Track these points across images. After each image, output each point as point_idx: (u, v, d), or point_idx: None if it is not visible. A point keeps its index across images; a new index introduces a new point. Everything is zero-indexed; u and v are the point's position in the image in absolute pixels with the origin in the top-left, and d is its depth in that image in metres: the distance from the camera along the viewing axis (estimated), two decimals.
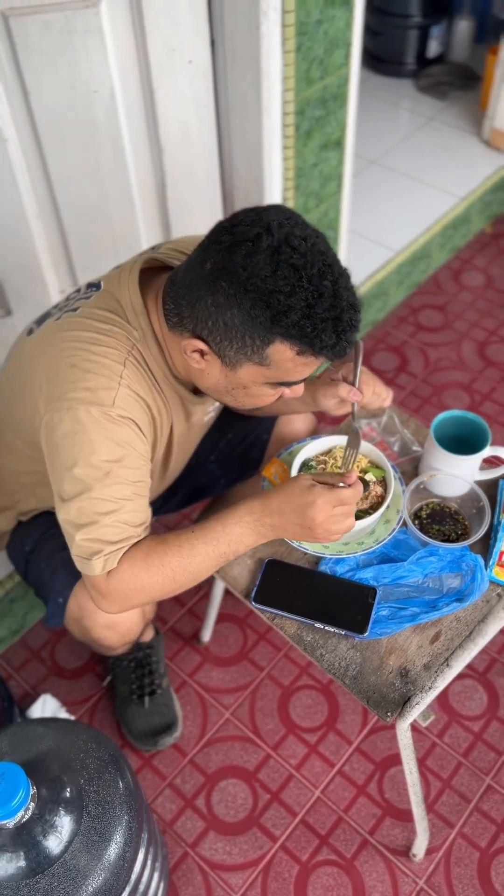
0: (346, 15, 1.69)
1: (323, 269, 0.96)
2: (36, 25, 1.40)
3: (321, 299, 0.96)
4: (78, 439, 1.04)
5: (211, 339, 1.02)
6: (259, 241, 0.95)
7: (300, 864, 1.47)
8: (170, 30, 1.53)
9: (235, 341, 1.00)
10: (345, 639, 1.18)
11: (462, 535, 1.27)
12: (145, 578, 1.09)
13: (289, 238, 0.95)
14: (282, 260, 0.94)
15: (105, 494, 1.05)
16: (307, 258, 0.95)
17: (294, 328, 0.97)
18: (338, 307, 0.97)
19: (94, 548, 1.06)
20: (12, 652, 1.78)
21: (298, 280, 0.95)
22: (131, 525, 1.08)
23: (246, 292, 0.96)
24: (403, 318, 2.50)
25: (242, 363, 1.03)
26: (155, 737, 1.59)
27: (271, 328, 0.97)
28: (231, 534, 1.11)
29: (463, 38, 3.21)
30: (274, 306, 0.95)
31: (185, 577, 1.11)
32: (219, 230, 1.00)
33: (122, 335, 1.09)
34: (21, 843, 1.00)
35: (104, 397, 1.05)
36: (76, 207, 1.67)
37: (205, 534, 1.11)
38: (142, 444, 1.10)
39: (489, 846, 1.48)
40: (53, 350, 1.10)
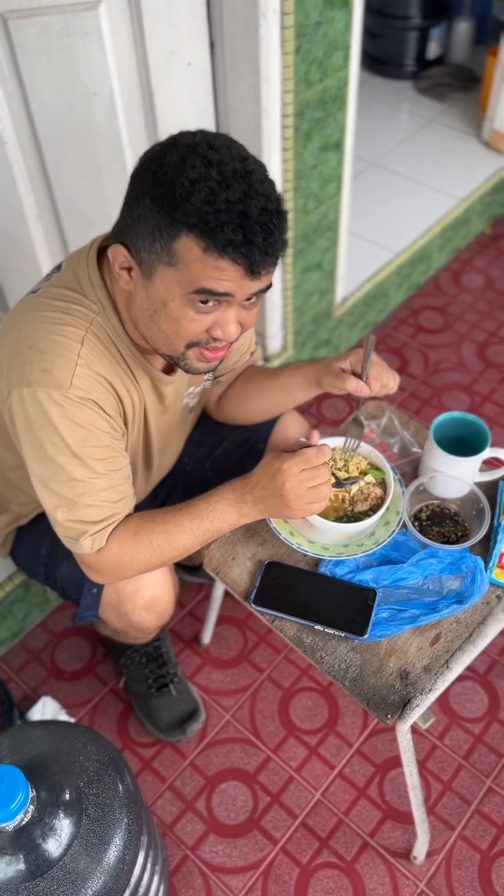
0: (345, 17, 1.69)
1: (237, 168, 0.94)
2: (35, 28, 1.40)
3: (228, 190, 0.93)
4: (39, 422, 1.05)
5: (129, 241, 1.01)
6: (178, 140, 0.97)
7: (300, 866, 1.47)
8: (169, 32, 1.53)
9: (146, 236, 0.98)
10: (344, 641, 1.18)
11: (462, 537, 1.27)
12: (134, 555, 1.12)
13: (210, 141, 0.96)
14: (196, 153, 0.94)
15: (76, 475, 1.06)
16: (223, 155, 0.94)
17: (195, 216, 0.93)
18: (247, 201, 0.93)
19: (78, 529, 1.09)
20: (12, 654, 1.78)
21: (207, 168, 0.93)
22: (110, 502, 1.10)
23: (156, 182, 0.95)
24: (403, 319, 2.50)
25: (156, 267, 0.99)
26: (182, 725, 1.61)
27: (173, 214, 0.94)
28: (214, 511, 1.14)
29: (462, 39, 3.21)
30: (178, 191, 0.93)
31: (172, 553, 1.15)
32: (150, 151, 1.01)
33: (80, 311, 1.09)
34: (20, 846, 1.00)
35: (61, 378, 1.04)
36: (76, 210, 1.67)
37: (190, 511, 1.14)
38: (104, 423, 1.09)
39: (490, 848, 1.47)
40: (13, 333, 1.10)
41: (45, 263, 1.72)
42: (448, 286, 2.60)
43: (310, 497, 1.10)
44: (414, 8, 3.05)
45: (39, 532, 1.37)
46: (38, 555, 1.38)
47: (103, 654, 1.77)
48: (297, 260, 2.01)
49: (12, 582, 1.71)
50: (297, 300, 2.11)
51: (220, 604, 1.67)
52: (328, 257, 2.14)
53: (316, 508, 1.12)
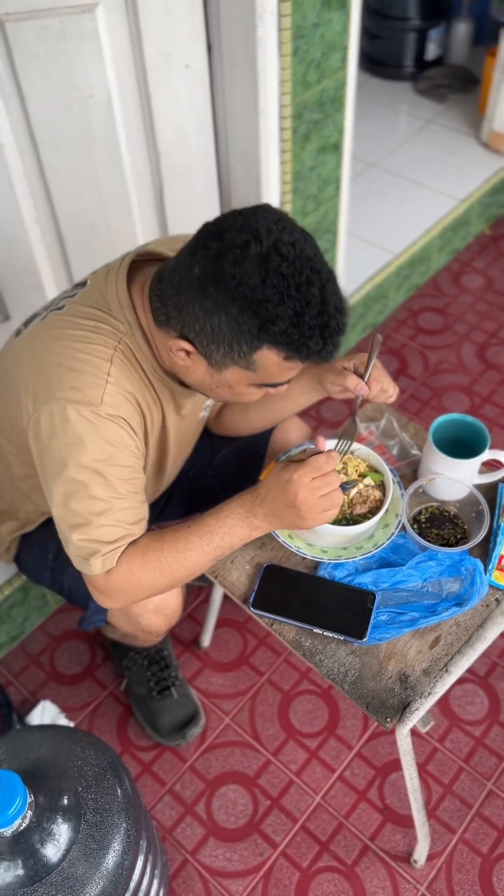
0: (342, 18, 1.69)
1: (311, 277, 0.96)
2: (32, 31, 1.40)
3: (309, 307, 0.96)
4: (67, 439, 1.04)
5: (198, 341, 1.02)
6: (248, 248, 0.94)
7: (301, 870, 1.46)
8: (166, 34, 1.53)
9: (222, 346, 1.00)
10: (344, 644, 1.18)
11: (461, 539, 1.27)
12: (143, 576, 1.10)
13: (277, 245, 0.95)
14: (270, 268, 0.94)
15: (98, 494, 1.05)
16: (295, 265, 0.95)
17: (281, 336, 0.97)
18: (325, 314, 0.97)
19: (91, 548, 1.07)
20: (11, 658, 1.77)
21: (287, 289, 0.95)
22: (127, 523, 1.09)
23: (234, 300, 0.96)
24: (403, 320, 2.49)
25: (228, 366, 1.03)
26: (183, 729, 1.60)
27: (259, 336, 0.97)
28: (224, 526, 1.12)
29: (461, 40, 3.20)
30: (262, 315, 0.95)
31: (182, 573, 1.13)
32: (207, 234, 0.99)
33: (109, 330, 1.09)
34: (19, 852, 1.00)
35: (92, 396, 1.04)
36: (74, 212, 1.67)
37: (199, 528, 1.12)
38: (132, 441, 1.09)
39: (491, 852, 1.47)
40: (39, 349, 1.09)
41: (43, 266, 1.72)
42: (448, 287, 2.60)
43: (322, 505, 1.09)
44: (412, 9, 3.05)
45: (46, 537, 1.37)
46: (45, 559, 1.38)
47: (103, 657, 1.77)
48: None
49: (11, 585, 1.71)
50: None
51: (220, 607, 1.66)
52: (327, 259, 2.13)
53: (329, 517, 1.11)
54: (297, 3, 1.56)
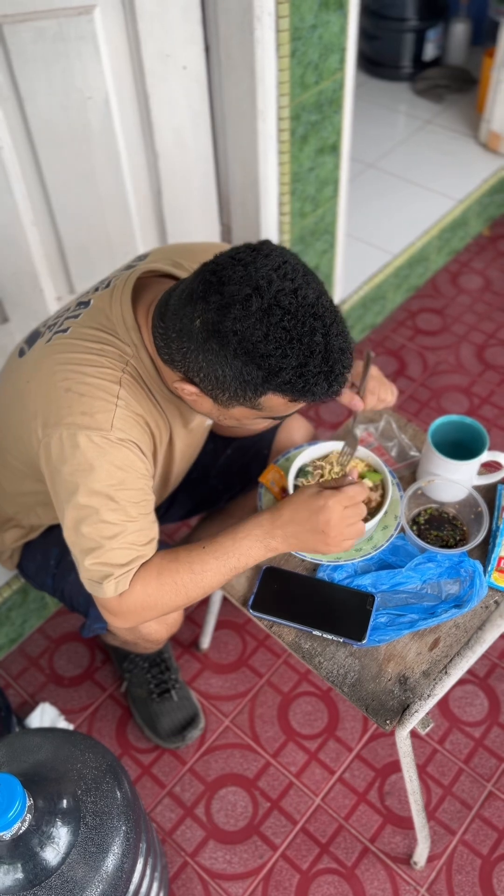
0: (340, 19, 1.68)
1: (313, 325, 0.95)
2: (29, 33, 1.40)
3: (312, 356, 0.95)
4: (77, 465, 1.04)
5: (202, 385, 1.02)
6: (249, 303, 0.93)
7: (301, 872, 1.46)
8: (163, 36, 1.53)
9: (227, 391, 1.00)
10: (343, 646, 1.17)
11: (460, 541, 1.27)
12: (158, 597, 1.10)
13: (278, 297, 0.94)
14: (272, 323, 0.93)
15: (109, 518, 1.05)
16: (297, 317, 0.94)
17: (286, 385, 0.97)
18: (329, 360, 0.97)
19: (103, 571, 1.07)
20: (10, 660, 1.77)
21: (289, 342, 0.94)
22: (138, 545, 1.09)
23: (237, 356, 0.95)
24: (401, 321, 2.49)
25: (235, 406, 1.03)
26: (182, 732, 1.60)
27: (263, 386, 0.97)
28: (241, 548, 1.12)
29: (459, 40, 3.20)
30: (265, 368, 0.95)
31: (197, 592, 1.13)
32: (207, 285, 0.96)
33: (115, 353, 1.09)
34: (18, 855, 1.00)
35: (102, 421, 1.04)
36: (72, 214, 1.67)
37: (215, 549, 1.12)
38: (142, 464, 1.09)
39: (491, 853, 1.47)
40: (46, 374, 1.09)
41: (41, 267, 1.72)
42: (446, 288, 2.60)
43: (348, 534, 1.12)
44: (410, 9, 3.05)
45: (49, 543, 1.37)
46: (47, 565, 1.38)
47: (102, 659, 1.77)
48: None
49: (10, 588, 1.70)
50: None
51: (219, 608, 1.66)
52: (325, 260, 2.14)
53: (349, 545, 1.14)
54: (295, 5, 1.55)
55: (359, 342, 2.45)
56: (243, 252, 0.98)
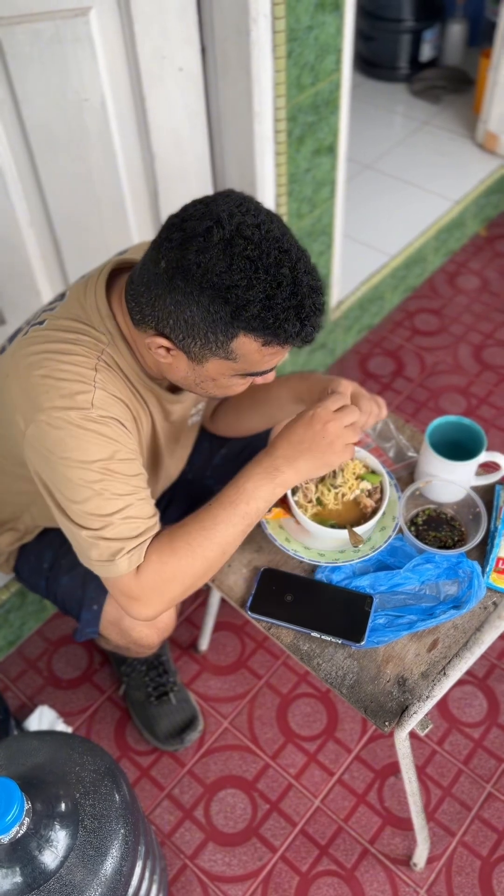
0: (336, 21, 1.68)
1: (279, 257, 0.94)
2: (25, 34, 1.40)
3: (280, 288, 0.94)
4: (66, 445, 1.03)
5: (174, 336, 1.01)
6: (210, 234, 0.93)
7: (300, 874, 1.46)
8: (160, 38, 1.53)
9: (198, 338, 0.99)
10: (342, 647, 1.17)
11: (459, 542, 1.27)
12: (175, 564, 1.07)
13: (241, 228, 0.93)
14: (236, 253, 0.93)
15: (110, 493, 1.04)
16: (262, 247, 0.93)
17: (255, 321, 0.95)
18: (298, 294, 0.95)
19: (114, 547, 1.04)
20: (8, 663, 1.77)
21: (255, 272, 0.93)
22: (144, 517, 1.07)
23: (203, 290, 0.94)
24: (399, 322, 2.49)
25: (208, 358, 1.02)
26: (181, 734, 1.60)
27: (232, 323, 0.96)
28: (246, 491, 1.10)
29: (456, 41, 3.21)
30: (232, 301, 0.94)
31: (214, 552, 1.09)
32: (170, 226, 0.98)
33: (90, 342, 1.08)
34: (16, 859, 0.99)
35: (81, 401, 1.04)
36: (69, 216, 1.67)
37: (221, 501, 1.10)
38: (128, 439, 1.08)
39: (490, 854, 1.47)
40: (23, 365, 1.08)
41: (38, 269, 1.71)
42: (444, 288, 2.60)
43: (347, 436, 1.11)
44: (407, 10, 3.05)
45: (42, 545, 1.37)
46: (41, 568, 1.37)
47: (100, 662, 1.76)
48: None
49: (8, 590, 1.70)
50: None
51: (217, 610, 1.66)
52: (323, 261, 2.13)
53: (350, 452, 1.13)
54: (291, 6, 1.55)
55: (357, 343, 2.45)
56: (204, 196, 0.99)
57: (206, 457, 1.51)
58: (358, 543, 1.18)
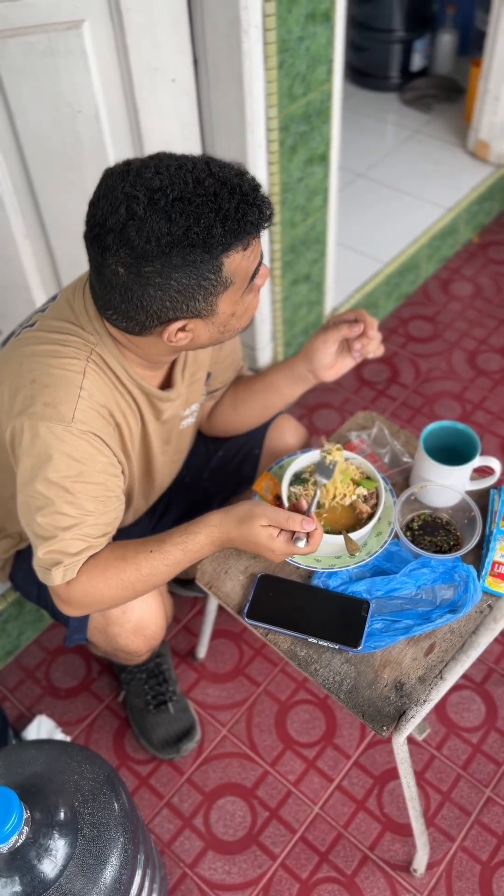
0: (327, 31, 1.70)
1: (197, 176, 0.95)
2: (19, 47, 1.41)
3: (218, 198, 0.95)
4: (37, 454, 1.05)
5: (180, 311, 1.01)
6: (133, 212, 0.94)
7: (300, 881, 1.46)
8: (152, 49, 1.54)
9: (197, 294, 1.00)
10: (339, 653, 1.18)
11: (454, 546, 1.27)
12: (103, 590, 1.13)
13: (149, 186, 0.94)
14: (164, 207, 0.93)
15: (66, 510, 1.07)
16: (176, 183, 0.94)
17: (225, 237, 0.96)
18: (233, 188, 0.96)
19: (54, 559, 1.09)
20: (7, 672, 1.77)
21: (191, 205, 0.94)
22: (91, 537, 1.11)
23: (167, 255, 0.95)
24: (393, 329, 2.50)
25: (216, 302, 1.02)
26: (177, 743, 1.60)
27: (211, 256, 0.96)
28: (191, 557, 1.15)
29: (446, 51, 3.23)
30: (198, 243, 0.94)
31: (144, 588, 1.16)
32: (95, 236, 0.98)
33: (79, 342, 1.09)
34: (15, 868, 0.99)
35: (64, 412, 1.05)
36: (63, 227, 1.68)
37: (164, 556, 1.13)
38: (103, 458, 1.10)
39: (490, 859, 1.47)
40: (13, 366, 1.10)
41: (33, 280, 1.72)
42: (437, 295, 2.61)
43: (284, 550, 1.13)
44: (397, 21, 3.08)
45: None
46: (33, 575, 1.38)
47: (98, 671, 1.76)
48: (285, 272, 2.02)
49: (6, 600, 1.70)
50: (287, 312, 2.12)
51: (215, 617, 1.66)
52: (316, 269, 2.15)
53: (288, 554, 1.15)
54: (282, 17, 1.57)
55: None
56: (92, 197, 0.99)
57: (202, 460, 1.52)
58: (354, 551, 1.19)
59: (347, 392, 2.31)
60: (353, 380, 2.36)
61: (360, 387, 2.34)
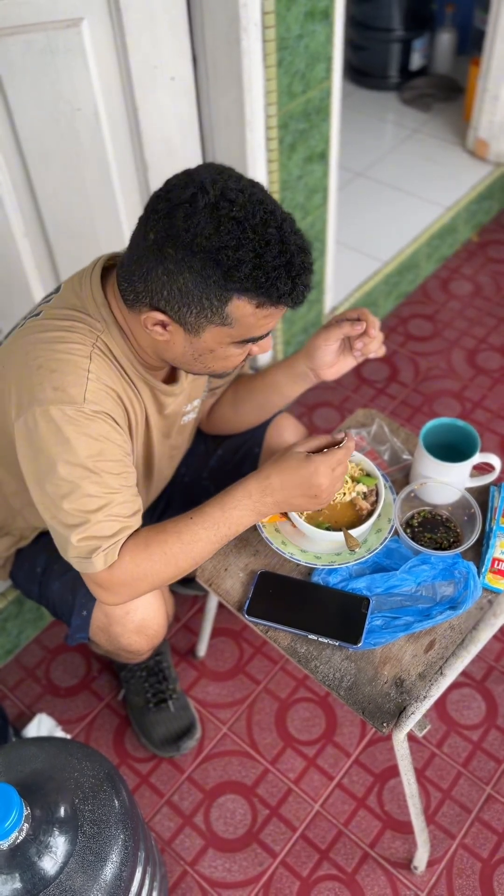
0: (326, 29, 1.70)
1: (265, 217, 0.96)
2: (18, 45, 1.41)
3: (269, 247, 0.95)
4: (54, 440, 1.03)
5: (169, 308, 1.02)
6: (195, 200, 0.95)
7: (301, 879, 1.46)
8: (151, 47, 1.54)
9: (193, 306, 1.00)
10: (339, 650, 1.17)
11: (454, 543, 1.27)
12: (148, 567, 1.09)
13: (225, 192, 0.95)
14: (222, 215, 0.94)
15: (92, 491, 1.04)
16: (247, 209, 0.95)
17: (248, 281, 0.96)
18: (287, 252, 0.97)
19: (91, 545, 1.06)
20: (7, 671, 1.77)
21: (242, 232, 0.94)
22: (124, 516, 1.08)
23: (194, 254, 0.95)
24: (393, 328, 2.50)
25: (205, 327, 1.03)
26: (177, 741, 1.59)
27: (225, 285, 0.97)
28: (230, 518, 1.12)
29: (445, 50, 3.24)
30: (224, 263, 0.95)
31: (187, 562, 1.12)
32: (155, 199, 0.99)
33: (85, 328, 1.09)
34: (15, 865, 0.99)
35: (74, 395, 1.04)
36: (62, 225, 1.68)
37: (204, 519, 1.12)
38: (118, 436, 1.09)
39: (491, 856, 1.47)
40: (19, 355, 1.09)
41: (33, 279, 1.72)
42: (437, 294, 2.61)
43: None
44: (396, 20, 3.08)
45: (37, 550, 1.37)
46: (34, 573, 1.37)
47: (98, 669, 1.76)
48: None
49: (5, 598, 1.70)
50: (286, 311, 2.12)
51: (215, 615, 1.66)
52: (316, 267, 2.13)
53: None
54: (281, 15, 1.57)
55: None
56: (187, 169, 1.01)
57: (201, 459, 1.52)
58: (354, 547, 1.19)
59: (347, 391, 2.31)
60: (352, 378, 2.36)
61: (360, 385, 2.34)
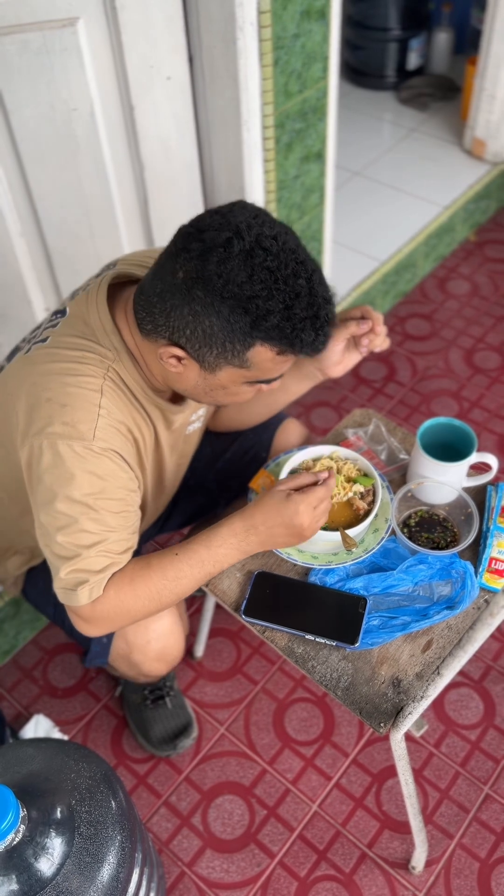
0: (322, 29, 1.70)
1: (297, 268, 0.97)
2: (14, 45, 1.41)
3: (298, 299, 0.96)
4: (58, 473, 1.03)
5: (189, 346, 1.02)
6: (230, 246, 0.95)
7: (299, 879, 1.46)
8: (147, 47, 1.54)
9: (215, 347, 1.00)
10: (336, 650, 1.17)
11: (451, 543, 1.27)
12: (131, 603, 1.10)
13: (260, 239, 0.95)
14: (256, 264, 0.94)
15: (89, 527, 1.05)
16: (280, 258, 0.96)
17: (274, 331, 0.97)
18: (314, 304, 0.98)
19: (79, 578, 1.06)
20: (4, 672, 1.76)
21: (274, 283, 0.95)
22: (115, 553, 1.08)
23: (223, 300, 0.96)
24: (390, 327, 2.50)
25: (222, 367, 1.03)
26: (174, 740, 1.59)
27: (251, 333, 0.98)
28: (216, 556, 1.13)
29: (442, 49, 3.24)
30: (252, 312, 0.96)
31: (170, 598, 1.13)
32: (186, 236, 0.99)
33: (96, 359, 1.08)
34: (12, 867, 0.99)
35: (84, 431, 1.04)
36: (59, 225, 1.68)
37: (189, 557, 1.12)
38: (124, 474, 1.09)
39: (489, 856, 1.46)
40: (28, 385, 1.08)
41: (29, 278, 1.72)
42: (434, 293, 2.61)
43: (319, 525, 1.14)
44: (393, 19, 3.08)
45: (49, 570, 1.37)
46: (49, 593, 1.36)
47: (96, 670, 1.76)
48: None
49: (3, 599, 1.70)
50: None
51: (212, 616, 1.66)
52: None
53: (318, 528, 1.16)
54: (277, 15, 1.57)
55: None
56: (218, 207, 1.00)
57: (208, 462, 1.51)
58: (351, 547, 1.19)
59: (345, 390, 2.31)
60: (350, 378, 2.36)
61: (358, 385, 2.33)
